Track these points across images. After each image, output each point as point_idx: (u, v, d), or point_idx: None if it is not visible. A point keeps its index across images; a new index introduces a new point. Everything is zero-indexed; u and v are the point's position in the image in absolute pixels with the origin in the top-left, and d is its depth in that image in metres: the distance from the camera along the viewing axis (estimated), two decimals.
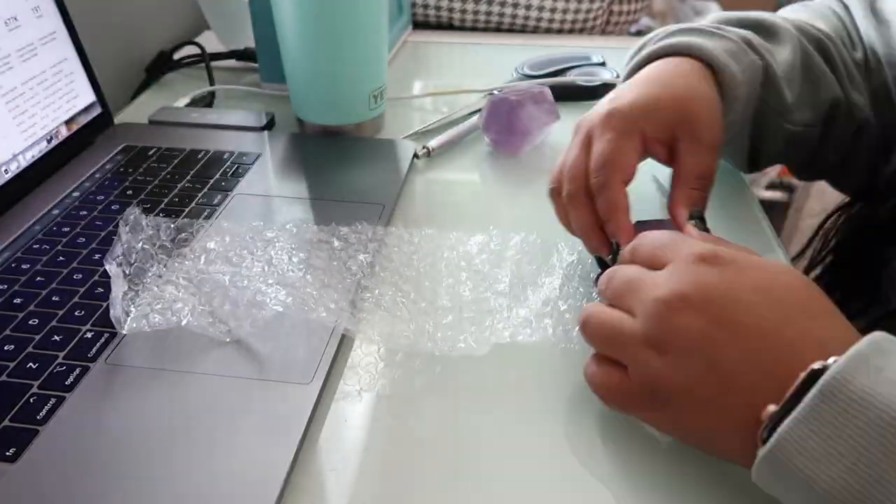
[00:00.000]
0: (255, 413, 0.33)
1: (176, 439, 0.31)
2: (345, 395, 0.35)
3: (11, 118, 0.48)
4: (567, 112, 0.63)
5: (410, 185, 0.53)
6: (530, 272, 0.42)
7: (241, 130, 0.59)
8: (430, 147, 0.56)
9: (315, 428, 0.33)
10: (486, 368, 0.37)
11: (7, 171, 0.48)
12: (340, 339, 0.37)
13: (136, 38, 0.75)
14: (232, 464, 0.30)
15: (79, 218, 0.47)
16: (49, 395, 0.33)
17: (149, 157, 0.54)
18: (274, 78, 0.66)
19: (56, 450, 0.31)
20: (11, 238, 0.45)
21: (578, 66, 0.67)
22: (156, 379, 0.34)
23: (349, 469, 0.32)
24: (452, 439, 0.33)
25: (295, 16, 0.52)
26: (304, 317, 0.37)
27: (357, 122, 0.57)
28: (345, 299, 0.39)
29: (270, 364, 0.35)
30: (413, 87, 0.70)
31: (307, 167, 0.53)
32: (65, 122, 0.53)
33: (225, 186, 0.50)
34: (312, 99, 0.57)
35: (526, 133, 0.55)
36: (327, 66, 0.54)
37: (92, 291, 0.40)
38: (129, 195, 0.49)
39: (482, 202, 0.51)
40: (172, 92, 0.69)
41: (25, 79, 0.49)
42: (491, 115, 0.55)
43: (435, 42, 0.83)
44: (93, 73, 0.56)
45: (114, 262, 0.38)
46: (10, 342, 0.36)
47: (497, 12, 0.85)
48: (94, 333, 0.37)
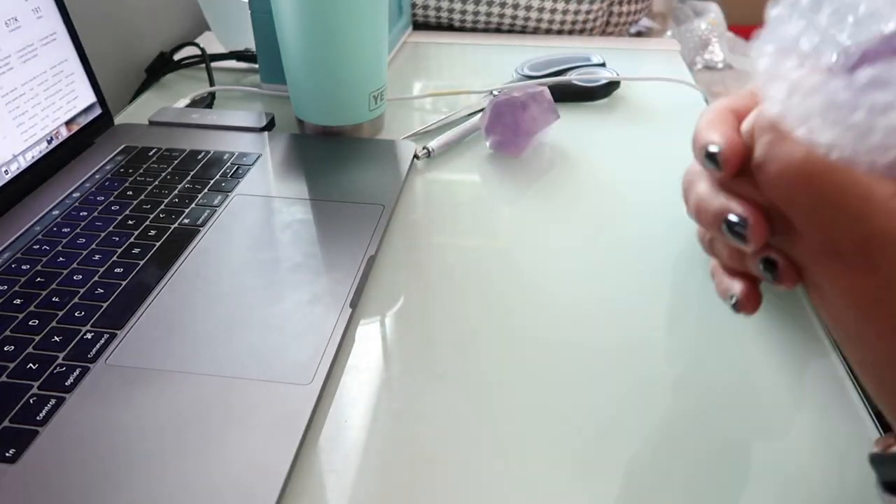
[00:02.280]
0: (255, 413, 0.33)
1: (176, 440, 0.31)
2: (345, 395, 0.35)
3: (11, 119, 0.48)
4: (567, 113, 0.63)
5: (410, 186, 0.53)
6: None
7: (241, 131, 0.59)
8: (431, 148, 0.56)
9: (315, 428, 0.33)
10: (486, 366, 0.37)
11: (7, 171, 0.48)
12: (340, 339, 0.37)
13: (136, 38, 0.75)
14: (231, 464, 0.30)
15: (79, 218, 0.47)
16: (49, 396, 0.33)
17: (149, 158, 0.54)
18: (274, 78, 0.66)
19: (56, 451, 0.31)
20: (11, 239, 0.45)
21: (578, 67, 0.67)
22: (156, 379, 0.34)
23: (349, 469, 0.32)
24: (453, 440, 0.33)
25: (295, 16, 0.52)
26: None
27: (357, 122, 0.58)
28: None
29: (270, 364, 0.35)
30: (413, 87, 0.70)
31: (307, 168, 0.53)
32: (65, 122, 0.53)
33: (225, 187, 0.50)
34: (312, 99, 0.57)
35: (527, 134, 0.55)
36: (327, 66, 0.54)
37: (92, 292, 0.40)
38: (130, 196, 0.49)
39: (482, 203, 0.51)
40: (172, 93, 0.69)
41: (25, 79, 0.49)
42: (492, 115, 0.55)
43: (435, 43, 0.83)
44: (93, 74, 0.56)
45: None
46: (9, 343, 0.36)
47: (497, 13, 0.85)
48: (95, 334, 0.37)
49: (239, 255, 0.43)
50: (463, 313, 0.40)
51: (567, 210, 0.50)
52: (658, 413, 0.34)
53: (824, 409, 0.34)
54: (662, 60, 0.77)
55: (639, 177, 0.54)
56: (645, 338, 0.39)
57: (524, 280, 0.43)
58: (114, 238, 0.45)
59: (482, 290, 0.42)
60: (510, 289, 0.42)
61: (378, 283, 0.43)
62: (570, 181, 0.53)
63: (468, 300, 0.41)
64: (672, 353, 0.38)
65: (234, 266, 0.42)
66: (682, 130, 0.61)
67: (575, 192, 0.52)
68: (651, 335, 0.39)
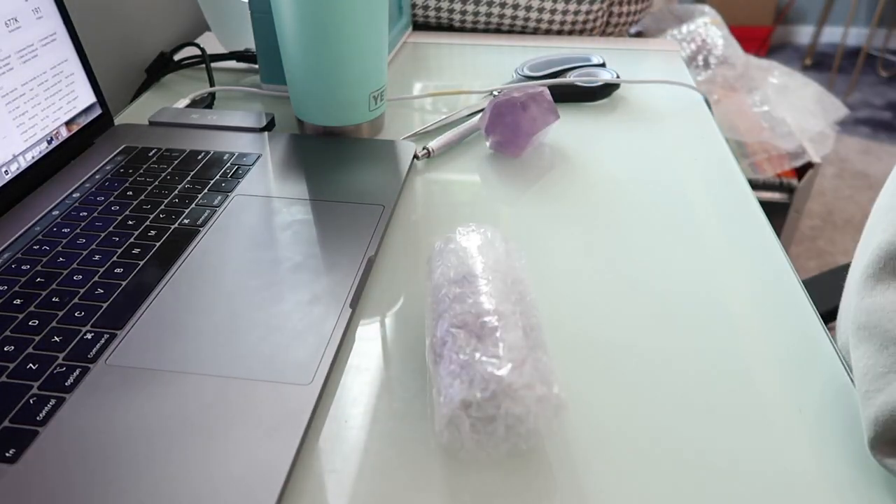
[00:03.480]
0: (255, 413, 0.33)
1: (176, 440, 0.31)
2: (345, 395, 0.35)
3: (11, 119, 0.48)
4: (567, 113, 0.63)
5: (410, 186, 0.53)
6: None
7: (241, 131, 0.59)
8: (431, 148, 0.56)
9: (315, 428, 0.33)
10: None
11: (7, 171, 0.48)
12: (341, 339, 0.37)
13: (136, 39, 0.75)
14: (231, 464, 0.30)
15: (79, 219, 0.47)
16: (49, 396, 0.33)
17: (149, 158, 0.54)
18: (274, 79, 0.66)
19: (56, 451, 0.31)
20: (11, 239, 0.45)
21: (578, 68, 0.67)
22: (156, 379, 0.34)
23: (349, 469, 0.32)
24: None
25: (295, 17, 0.52)
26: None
27: (357, 122, 0.58)
28: None
29: (270, 364, 0.35)
30: (413, 87, 0.70)
31: (307, 168, 0.53)
32: (65, 123, 0.53)
33: (225, 187, 0.50)
34: (312, 100, 0.57)
35: (527, 134, 0.55)
36: (327, 66, 0.54)
37: (92, 292, 0.40)
38: (130, 196, 0.49)
39: (482, 203, 0.51)
40: (173, 93, 0.69)
41: (26, 80, 0.49)
42: (492, 116, 0.55)
43: (435, 43, 0.83)
44: (93, 75, 0.56)
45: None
46: (9, 343, 0.36)
47: (497, 13, 0.85)
48: (95, 334, 0.37)
49: (239, 255, 0.43)
50: None
51: (567, 210, 0.50)
52: (668, 410, 0.34)
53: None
54: (662, 61, 0.77)
55: (639, 177, 0.54)
56: (645, 337, 0.39)
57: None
58: (114, 238, 0.45)
59: None
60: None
61: (378, 283, 0.43)
62: (570, 181, 0.53)
63: None
64: (671, 350, 0.38)
65: (234, 266, 0.42)
66: (682, 131, 0.61)
67: (574, 193, 0.52)
68: (651, 334, 0.39)
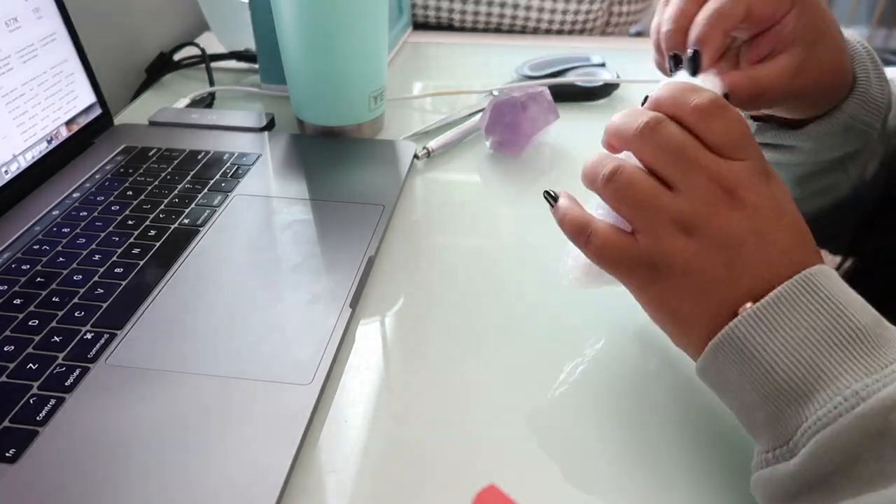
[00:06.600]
0: (256, 413, 0.33)
1: (176, 440, 0.31)
2: (345, 395, 0.35)
3: (11, 119, 0.48)
4: (567, 113, 0.63)
5: (410, 186, 0.53)
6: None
7: (241, 131, 0.59)
8: (430, 148, 0.56)
9: (315, 428, 0.33)
10: (486, 366, 0.37)
11: (7, 171, 0.48)
12: (340, 339, 0.37)
13: (136, 38, 0.75)
14: (232, 464, 0.30)
15: (79, 219, 0.47)
16: (49, 396, 0.33)
17: (149, 158, 0.54)
18: (274, 79, 0.66)
19: (56, 451, 0.31)
20: (11, 239, 0.45)
21: (578, 67, 0.67)
22: (156, 379, 0.34)
23: (349, 469, 0.31)
24: (453, 440, 0.33)
25: (295, 16, 0.52)
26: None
27: (357, 122, 0.58)
28: None
29: (270, 364, 0.35)
30: (413, 87, 0.70)
31: (307, 168, 0.53)
32: (65, 122, 0.53)
33: (225, 187, 0.50)
34: (312, 100, 0.57)
35: (527, 134, 0.55)
36: (327, 66, 0.54)
37: (92, 292, 0.40)
38: (129, 196, 0.49)
39: (482, 203, 0.51)
40: (172, 93, 0.69)
41: (26, 80, 0.49)
42: (492, 116, 0.55)
43: (435, 43, 0.83)
44: (93, 74, 0.56)
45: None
46: (9, 343, 0.36)
47: (497, 13, 0.85)
48: (94, 334, 0.37)
49: (239, 255, 0.43)
50: (463, 313, 0.40)
51: None
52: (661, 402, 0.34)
53: None
54: None
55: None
56: (644, 336, 0.39)
57: (524, 280, 0.43)
58: (114, 238, 0.45)
59: (482, 289, 0.42)
60: (510, 288, 0.42)
61: (378, 283, 0.43)
62: (570, 181, 0.53)
63: (468, 300, 0.41)
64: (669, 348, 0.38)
65: (234, 266, 0.42)
66: None
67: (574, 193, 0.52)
68: (650, 333, 0.39)
